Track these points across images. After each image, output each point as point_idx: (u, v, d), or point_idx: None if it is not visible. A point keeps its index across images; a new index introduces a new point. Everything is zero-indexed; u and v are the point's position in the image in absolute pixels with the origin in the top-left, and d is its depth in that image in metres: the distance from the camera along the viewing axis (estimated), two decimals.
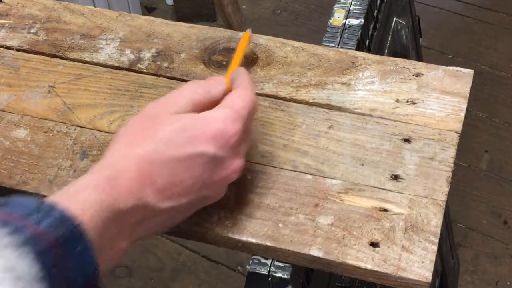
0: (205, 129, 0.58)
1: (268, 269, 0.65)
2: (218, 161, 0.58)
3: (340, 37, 0.86)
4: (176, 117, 0.59)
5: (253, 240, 0.64)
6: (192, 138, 0.57)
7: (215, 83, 0.63)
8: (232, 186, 0.68)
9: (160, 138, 0.57)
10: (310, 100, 0.75)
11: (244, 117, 0.60)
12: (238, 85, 0.62)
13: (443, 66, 0.77)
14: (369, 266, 0.62)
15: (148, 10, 2.41)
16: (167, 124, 0.58)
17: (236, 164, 0.60)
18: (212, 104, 0.61)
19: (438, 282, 1.39)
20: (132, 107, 0.75)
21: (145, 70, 0.79)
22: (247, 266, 0.65)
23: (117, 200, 0.53)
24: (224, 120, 0.58)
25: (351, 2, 0.89)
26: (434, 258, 0.62)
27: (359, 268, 0.62)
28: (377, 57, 0.79)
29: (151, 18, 0.85)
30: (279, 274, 0.65)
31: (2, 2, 0.88)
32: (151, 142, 0.57)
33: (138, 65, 0.80)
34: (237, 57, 0.72)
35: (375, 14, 0.95)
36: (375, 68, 0.77)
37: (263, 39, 0.81)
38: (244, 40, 0.75)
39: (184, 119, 0.58)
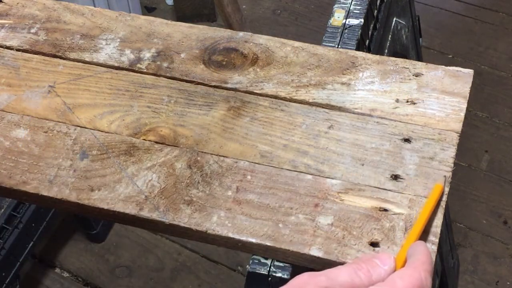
0: None
1: (268, 269, 0.65)
2: None
3: (340, 37, 0.86)
4: None
5: (253, 240, 0.64)
6: None
7: (377, 265, 0.56)
8: (232, 186, 0.68)
9: None
10: (310, 100, 0.75)
11: None
12: (409, 263, 0.55)
13: (443, 66, 0.77)
14: None
15: (148, 10, 2.41)
16: None
17: None
18: None
19: (438, 282, 1.39)
20: (132, 107, 0.75)
21: (145, 70, 0.79)
22: (247, 266, 0.65)
23: None
24: None
25: (351, 2, 0.89)
26: (434, 258, 0.62)
27: None
28: (377, 57, 0.79)
29: (151, 18, 0.85)
30: (279, 274, 0.65)
31: (2, 2, 0.88)
32: None
33: (138, 65, 0.80)
34: (419, 223, 0.62)
35: (375, 14, 0.95)
36: (375, 68, 0.77)
37: (263, 39, 0.81)
38: (434, 195, 0.64)
39: None
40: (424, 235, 0.63)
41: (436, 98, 0.74)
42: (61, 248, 1.80)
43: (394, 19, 1.10)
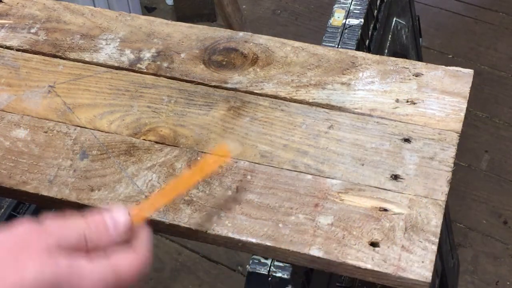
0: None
1: (268, 269, 0.65)
2: None
3: (340, 37, 0.85)
4: (49, 262, 0.48)
5: (253, 240, 0.64)
6: None
7: (108, 230, 0.53)
8: (232, 186, 0.68)
9: (19, 283, 0.46)
10: (310, 100, 0.75)
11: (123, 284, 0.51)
12: (135, 247, 0.54)
13: (443, 66, 0.77)
14: (369, 266, 0.62)
15: (148, 10, 2.41)
16: (36, 267, 0.47)
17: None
18: None
19: (438, 282, 1.39)
20: (132, 107, 0.75)
21: (145, 70, 0.79)
22: (247, 266, 0.65)
23: None
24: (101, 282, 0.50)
25: (351, 2, 0.89)
26: (434, 258, 0.62)
27: (359, 268, 0.62)
28: (377, 57, 0.79)
29: (151, 18, 0.85)
30: (279, 274, 0.65)
31: (2, 2, 0.88)
32: (8, 282, 0.46)
33: (138, 65, 0.80)
34: (177, 185, 0.61)
35: (375, 14, 0.95)
36: (375, 68, 0.77)
37: (263, 39, 0.81)
38: (211, 160, 0.63)
39: (58, 270, 0.48)
40: (423, 235, 0.63)
41: (436, 98, 0.74)
42: None
43: (394, 19, 1.10)
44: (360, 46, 0.87)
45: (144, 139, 0.72)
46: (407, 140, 0.71)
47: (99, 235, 0.52)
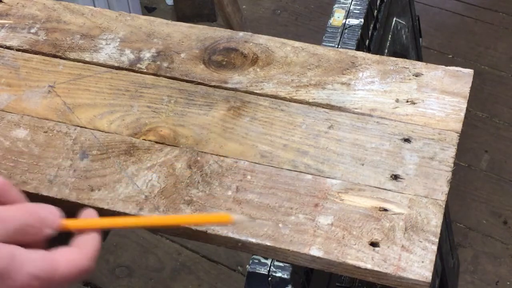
0: (18, 280, 0.48)
1: (268, 269, 0.65)
2: None
3: (340, 37, 0.85)
4: None
5: (253, 240, 0.64)
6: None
7: (47, 226, 0.52)
8: (232, 186, 0.68)
9: None
10: (310, 100, 0.75)
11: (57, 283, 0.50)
12: (79, 243, 0.53)
13: (443, 66, 0.77)
14: (369, 266, 0.62)
15: (148, 10, 2.41)
16: None
17: None
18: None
19: (438, 282, 1.39)
20: (132, 107, 0.75)
21: (145, 70, 0.79)
22: (247, 266, 0.65)
23: None
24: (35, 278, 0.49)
25: (351, 2, 0.89)
26: (434, 258, 0.62)
27: (359, 268, 0.62)
28: (377, 57, 0.79)
29: (151, 18, 0.85)
30: (279, 274, 0.65)
31: (2, 2, 0.88)
32: None
33: (138, 65, 0.80)
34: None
35: (375, 14, 0.95)
36: (375, 68, 0.77)
37: (263, 39, 0.81)
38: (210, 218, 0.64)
39: (4, 258, 0.48)
40: (423, 235, 0.63)
41: (436, 98, 0.74)
42: None
43: (394, 19, 1.10)
44: (360, 46, 0.87)
45: (144, 139, 0.72)
46: (407, 140, 0.71)
47: (35, 229, 0.51)
